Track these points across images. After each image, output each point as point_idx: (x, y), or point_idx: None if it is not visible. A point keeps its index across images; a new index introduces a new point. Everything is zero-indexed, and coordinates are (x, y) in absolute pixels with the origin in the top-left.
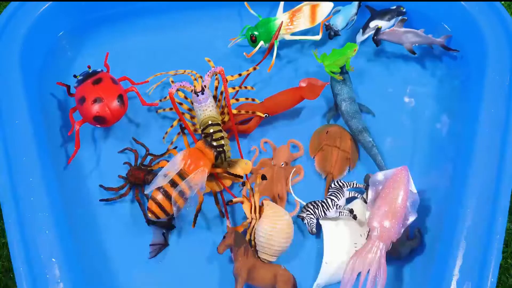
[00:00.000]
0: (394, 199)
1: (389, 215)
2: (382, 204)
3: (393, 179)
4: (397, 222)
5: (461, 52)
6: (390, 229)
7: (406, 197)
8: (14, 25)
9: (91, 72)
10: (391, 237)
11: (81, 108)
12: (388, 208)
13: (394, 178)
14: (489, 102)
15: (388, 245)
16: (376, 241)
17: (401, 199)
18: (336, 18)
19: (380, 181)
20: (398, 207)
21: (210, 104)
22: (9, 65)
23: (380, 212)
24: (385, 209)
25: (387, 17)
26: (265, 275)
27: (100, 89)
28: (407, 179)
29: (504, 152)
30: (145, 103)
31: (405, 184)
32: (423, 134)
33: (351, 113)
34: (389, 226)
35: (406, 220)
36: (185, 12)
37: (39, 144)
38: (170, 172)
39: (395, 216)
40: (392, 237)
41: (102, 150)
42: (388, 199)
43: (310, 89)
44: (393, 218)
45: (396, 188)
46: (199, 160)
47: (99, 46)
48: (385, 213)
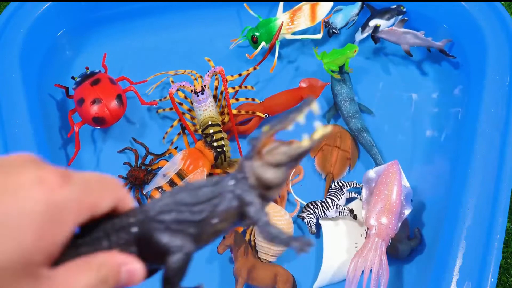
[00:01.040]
0: (388, 195)
1: (385, 212)
2: (377, 201)
3: (385, 175)
4: (393, 217)
5: (461, 52)
6: (387, 226)
7: (400, 191)
8: (14, 25)
9: (89, 73)
10: (389, 233)
11: (80, 109)
12: (383, 205)
13: (385, 173)
14: (489, 102)
15: (387, 242)
16: (376, 238)
17: (395, 194)
18: (336, 17)
19: (372, 178)
20: (393, 203)
21: (210, 104)
22: (9, 65)
23: (376, 210)
24: (381, 206)
25: (387, 16)
26: (265, 275)
27: (99, 90)
28: (398, 174)
29: (504, 152)
30: (144, 103)
31: (397, 178)
32: (423, 133)
33: (351, 113)
34: (386, 223)
35: (402, 214)
36: (185, 12)
37: (39, 145)
38: (169, 172)
39: (391, 212)
40: (390, 233)
41: (102, 151)
42: (383, 195)
43: (310, 89)
44: (389, 214)
45: (389, 183)
46: (198, 160)
47: (98, 46)
48: (381, 210)
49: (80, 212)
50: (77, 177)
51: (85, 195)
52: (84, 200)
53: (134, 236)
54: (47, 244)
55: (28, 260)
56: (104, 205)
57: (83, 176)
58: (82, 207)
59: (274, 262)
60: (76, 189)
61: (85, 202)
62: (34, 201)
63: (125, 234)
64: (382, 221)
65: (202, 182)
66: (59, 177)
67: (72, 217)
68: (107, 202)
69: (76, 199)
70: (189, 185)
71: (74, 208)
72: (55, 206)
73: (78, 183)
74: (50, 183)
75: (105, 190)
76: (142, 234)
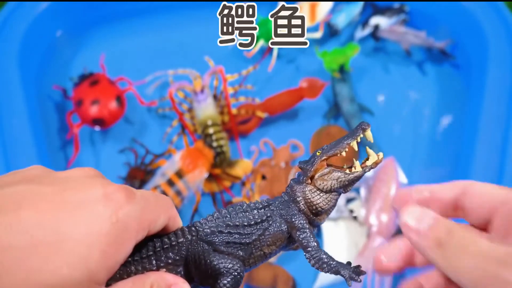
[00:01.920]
0: (386, 193)
1: (385, 209)
2: (375, 199)
3: (382, 172)
4: (393, 214)
5: (462, 51)
6: (388, 223)
7: (398, 187)
8: (13, 25)
9: (88, 74)
10: (391, 231)
11: (79, 110)
12: (382, 202)
13: (383, 170)
14: (491, 101)
15: (389, 240)
16: (377, 237)
17: (394, 190)
18: (338, 17)
19: (370, 176)
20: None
21: (210, 104)
22: (7, 65)
23: (376, 208)
24: (380, 204)
25: (388, 14)
26: (265, 276)
27: (98, 90)
28: (395, 170)
29: (505, 152)
30: (144, 103)
31: (394, 175)
32: (423, 133)
33: (352, 112)
34: (386, 220)
35: None
36: (184, 12)
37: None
38: (168, 171)
39: (391, 209)
40: (391, 231)
41: (102, 152)
42: (381, 193)
43: (310, 89)
44: (389, 211)
45: (387, 180)
46: (197, 160)
47: (98, 46)
48: (381, 208)
49: (140, 230)
50: (138, 194)
51: (145, 212)
52: (144, 217)
53: (183, 256)
54: (111, 262)
55: (93, 278)
56: (159, 223)
57: (142, 193)
58: (142, 224)
59: (274, 263)
60: (139, 206)
61: (145, 219)
62: (102, 219)
63: (174, 254)
64: (382, 219)
65: (252, 204)
66: (124, 194)
67: (134, 235)
68: (162, 219)
69: (138, 217)
70: (240, 207)
71: (136, 226)
72: (120, 223)
73: (139, 201)
74: (116, 200)
75: (161, 208)
76: (192, 254)
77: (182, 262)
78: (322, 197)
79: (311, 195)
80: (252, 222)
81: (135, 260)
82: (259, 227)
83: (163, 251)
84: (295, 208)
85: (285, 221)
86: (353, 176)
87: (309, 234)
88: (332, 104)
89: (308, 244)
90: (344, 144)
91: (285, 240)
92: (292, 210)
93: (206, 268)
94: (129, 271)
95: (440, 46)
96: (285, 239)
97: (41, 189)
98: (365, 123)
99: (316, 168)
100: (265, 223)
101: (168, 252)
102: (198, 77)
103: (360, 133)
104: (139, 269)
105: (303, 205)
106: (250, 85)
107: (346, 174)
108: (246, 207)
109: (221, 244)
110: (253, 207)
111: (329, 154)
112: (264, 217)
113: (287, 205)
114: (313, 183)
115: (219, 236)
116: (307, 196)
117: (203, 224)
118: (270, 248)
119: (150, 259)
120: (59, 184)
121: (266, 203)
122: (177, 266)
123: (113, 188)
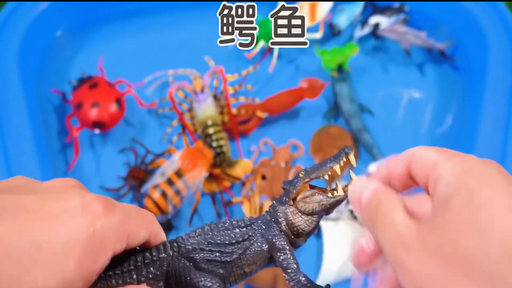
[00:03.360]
0: None
1: None
2: None
3: None
4: None
5: (462, 52)
6: None
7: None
8: (12, 25)
9: (87, 77)
10: None
11: (79, 114)
12: None
13: None
14: (491, 101)
15: None
16: None
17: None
18: (339, 17)
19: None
20: None
21: (210, 104)
22: (7, 66)
23: None
24: None
25: (388, 13)
26: (265, 276)
27: (97, 93)
28: None
29: (505, 152)
30: (144, 105)
31: None
32: (423, 133)
33: (352, 112)
34: None
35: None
36: (184, 12)
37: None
38: (168, 170)
39: None
40: None
41: (102, 154)
42: None
43: (310, 89)
44: None
45: None
46: (197, 160)
47: (97, 46)
48: None
49: (118, 241)
50: (118, 206)
51: (124, 224)
52: (123, 229)
53: (164, 272)
54: (87, 273)
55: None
56: (140, 237)
57: (123, 206)
58: (120, 236)
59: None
60: (117, 218)
61: (124, 231)
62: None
63: (155, 269)
64: None
65: (235, 223)
66: (102, 205)
67: (111, 246)
68: (143, 234)
69: (116, 228)
70: (223, 224)
71: (114, 237)
72: (97, 234)
73: (119, 212)
74: (94, 210)
75: (142, 222)
76: (172, 270)
77: (163, 277)
78: (303, 219)
79: (293, 217)
80: (234, 240)
81: (116, 273)
82: (241, 246)
83: (144, 266)
84: (276, 228)
85: (267, 241)
86: (334, 200)
87: (289, 255)
88: (332, 104)
89: (288, 266)
90: (328, 167)
91: (266, 259)
92: (274, 231)
93: (186, 285)
94: (110, 284)
95: (440, 48)
96: (266, 258)
97: (21, 199)
98: (349, 147)
99: (299, 190)
100: (246, 242)
101: (149, 267)
102: (198, 77)
103: (343, 157)
104: (120, 283)
105: (285, 226)
106: (250, 85)
107: (328, 197)
108: (229, 225)
109: (202, 261)
110: (236, 225)
111: (312, 177)
112: (245, 236)
113: (269, 225)
114: (295, 204)
115: (200, 254)
116: (288, 217)
117: (185, 240)
118: (250, 267)
119: (131, 273)
120: (39, 193)
121: (248, 221)
122: (158, 281)
123: (91, 198)
